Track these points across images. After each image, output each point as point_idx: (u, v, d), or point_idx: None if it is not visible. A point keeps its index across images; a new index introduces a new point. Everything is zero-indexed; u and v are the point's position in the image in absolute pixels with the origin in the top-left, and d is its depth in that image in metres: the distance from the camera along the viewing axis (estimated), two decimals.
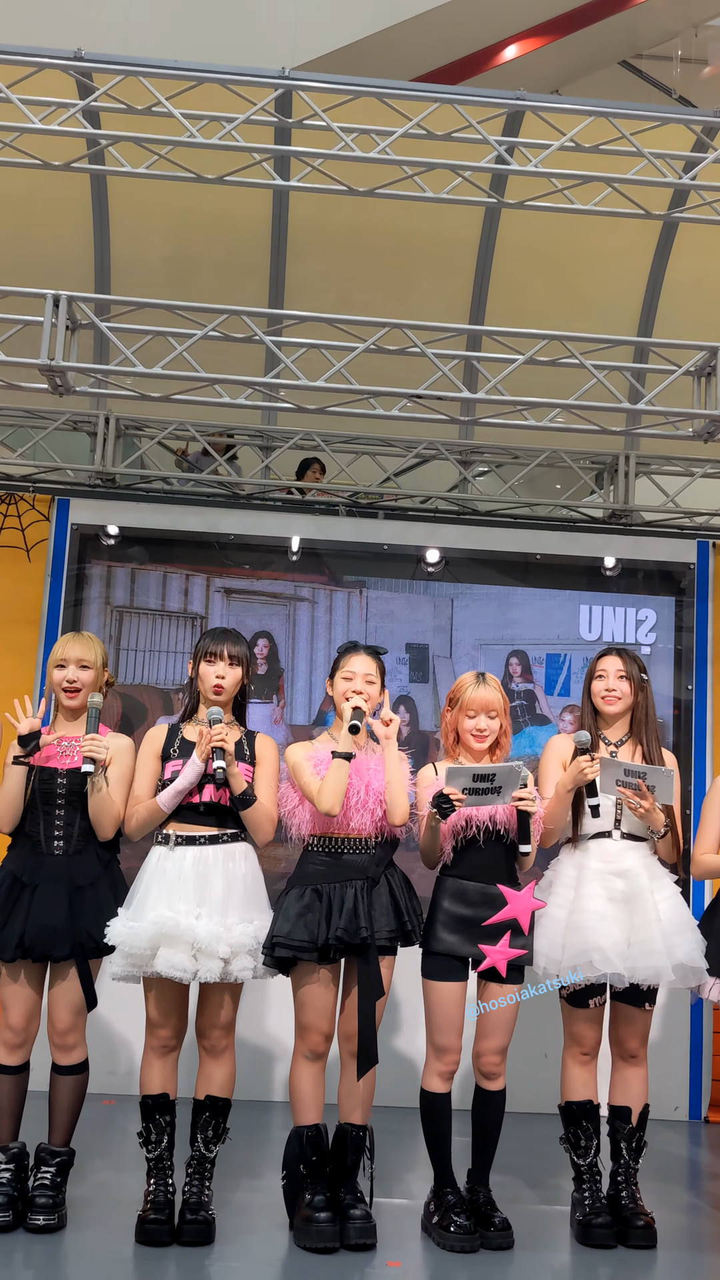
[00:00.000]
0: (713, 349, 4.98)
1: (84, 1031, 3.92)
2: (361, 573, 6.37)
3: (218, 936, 3.69)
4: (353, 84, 4.93)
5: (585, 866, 4.04)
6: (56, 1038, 3.88)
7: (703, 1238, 4.12)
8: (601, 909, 3.94)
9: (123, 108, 4.91)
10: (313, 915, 3.79)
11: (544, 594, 6.40)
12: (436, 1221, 3.89)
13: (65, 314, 4.80)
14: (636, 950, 3.90)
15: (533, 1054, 4.94)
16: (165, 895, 3.74)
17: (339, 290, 6.55)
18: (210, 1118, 3.84)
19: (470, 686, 4.05)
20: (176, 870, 3.79)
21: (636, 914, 3.96)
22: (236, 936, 3.73)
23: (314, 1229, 3.72)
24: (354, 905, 3.80)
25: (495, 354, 5.15)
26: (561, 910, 4.00)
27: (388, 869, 3.93)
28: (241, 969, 3.74)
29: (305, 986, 3.85)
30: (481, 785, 3.83)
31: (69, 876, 3.86)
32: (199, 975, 3.68)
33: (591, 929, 3.90)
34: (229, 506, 6.55)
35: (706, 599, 6.41)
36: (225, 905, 3.76)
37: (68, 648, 4.01)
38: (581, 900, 3.97)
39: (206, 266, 6.50)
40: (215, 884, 3.78)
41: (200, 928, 3.68)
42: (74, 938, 3.81)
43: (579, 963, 3.88)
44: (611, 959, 3.86)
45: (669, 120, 5.13)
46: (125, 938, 3.72)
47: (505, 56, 10.00)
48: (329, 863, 3.89)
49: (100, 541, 6.28)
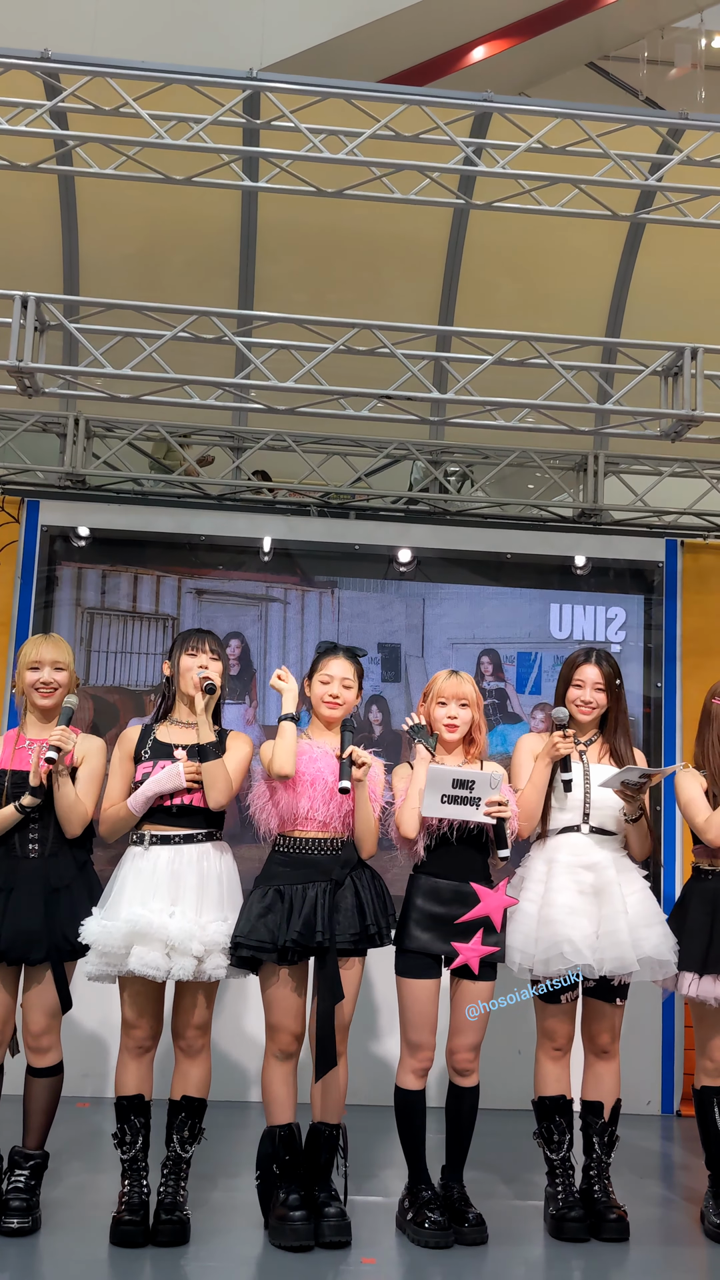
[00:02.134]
0: (679, 349, 5.03)
1: (59, 1034, 3.92)
2: (333, 573, 6.38)
3: (191, 934, 3.69)
4: (321, 85, 4.94)
5: (555, 861, 4.08)
6: (31, 1040, 3.87)
7: (675, 1230, 4.16)
8: (571, 902, 3.98)
9: (90, 108, 4.90)
10: (273, 916, 3.80)
11: (515, 593, 6.42)
12: (411, 1218, 3.91)
13: (34, 315, 4.79)
14: (604, 942, 3.94)
15: (506, 1050, 4.97)
16: (140, 894, 3.75)
17: (309, 291, 6.56)
18: (186, 1118, 3.84)
19: (444, 677, 4.12)
20: (151, 869, 3.79)
21: (604, 906, 3.99)
22: (211, 934, 3.74)
23: (289, 1227, 3.73)
24: (313, 908, 3.81)
25: (464, 354, 5.18)
26: (533, 905, 4.03)
27: (355, 870, 3.94)
28: (215, 967, 3.75)
29: (271, 987, 3.86)
30: (460, 792, 3.86)
31: (44, 879, 3.85)
32: (173, 973, 3.68)
33: (561, 921, 3.94)
34: (200, 507, 6.54)
35: (675, 597, 6.46)
36: (199, 903, 3.77)
37: (41, 650, 4.02)
38: (551, 894, 4.01)
39: (176, 267, 6.49)
40: (189, 882, 3.78)
41: (174, 925, 3.68)
42: (50, 940, 3.81)
43: (550, 955, 3.91)
44: (582, 950, 3.90)
45: (635, 122, 5.17)
46: (99, 936, 3.72)
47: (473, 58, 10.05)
48: (293, 863, 3.90)
49: (70, 543, 6.26)
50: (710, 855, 4.20)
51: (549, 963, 3.93)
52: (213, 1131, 4.07)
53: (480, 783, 3.88)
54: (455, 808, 3.88)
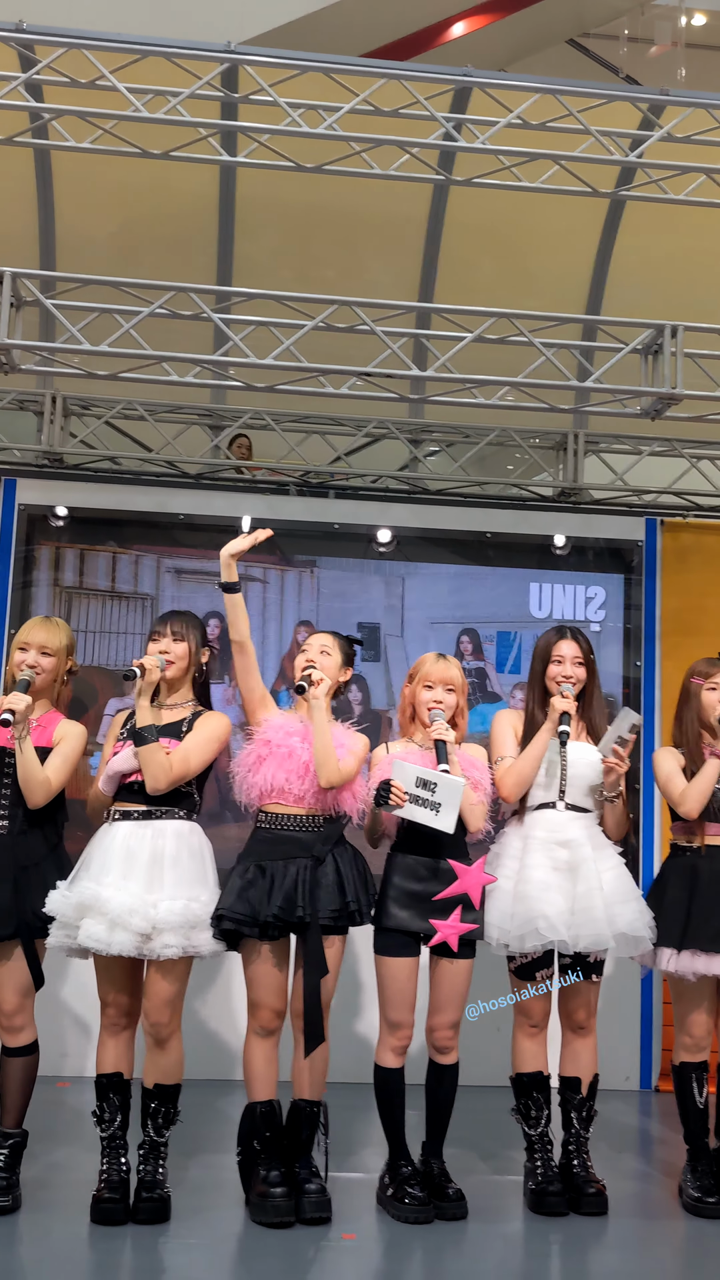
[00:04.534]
0: (659, 327, 5.02)
1: (32, 1013, 3.90)
2: (313, 552, 6.36)
3: (131, 909, 3.64)
4: (300, 59, 4.90)
5: (530, 837, 4.09)
6: (3, 1020, 3.85)
7: (653, 1204, 4.19)
8: (545, 878, 3.99)
9: (66, 81, 4.84)
10: (255, 891, 3.80)
11: (495, 572, 6.42)
12: (391, 1194, 3.92)
13: (9, 291, 4.74)
14: (580, 918, 3.95)
15: (485, 1028, 4.99)
16: (96, 867, 3.76)
17: (288, 267, 6.51)
18: (159, 1106, 3.81)
19: (431, 660, 4.11)
20: (109, 843, 3.80)
21: (580, 882, 4.00)
22: (161, 913, 3.67)
23: (269, 1204, 3.74)
24: (294, 883, 3.81)
25: (445, 332, 5.15)
26: (509, 881, 4.04)
27: (336, 846, 3.93)
28: (165, 946, 3.67)
29: (253, 964, 3.86)
30: (422, 794, 3.84)
31: (13, 856, 3.84)
32: (111, 947, 3.63)
33: (536, 897, 3.95)
34: (178, 486, 6.50)
35: (655, 576, 6.46)
36: (150, 880, 3.72)
37: (32, 632, 4.02)
38: (526, 870, 4.02)
39: (154, 243, 6.43)
40: (140, 858, 3.75)
41: (115, 899, 3.65)
42: (19, 917, 3.79)
43: (525, 931, 3.93)
44: (557, 926, 3.91)
45: (616, 98, 5.15)
46: (59, 905, 3.74)
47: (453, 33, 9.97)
48: (274, 839, 3.90)
49: (48, 522, 6.22)
50: (688, 832, 4.22)
51: (524, 939, 3.94)
52: (194, 1110, 4.07)
53: (443, 787, 3.82)
54: (414, 808, 3.86)
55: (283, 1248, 3.61)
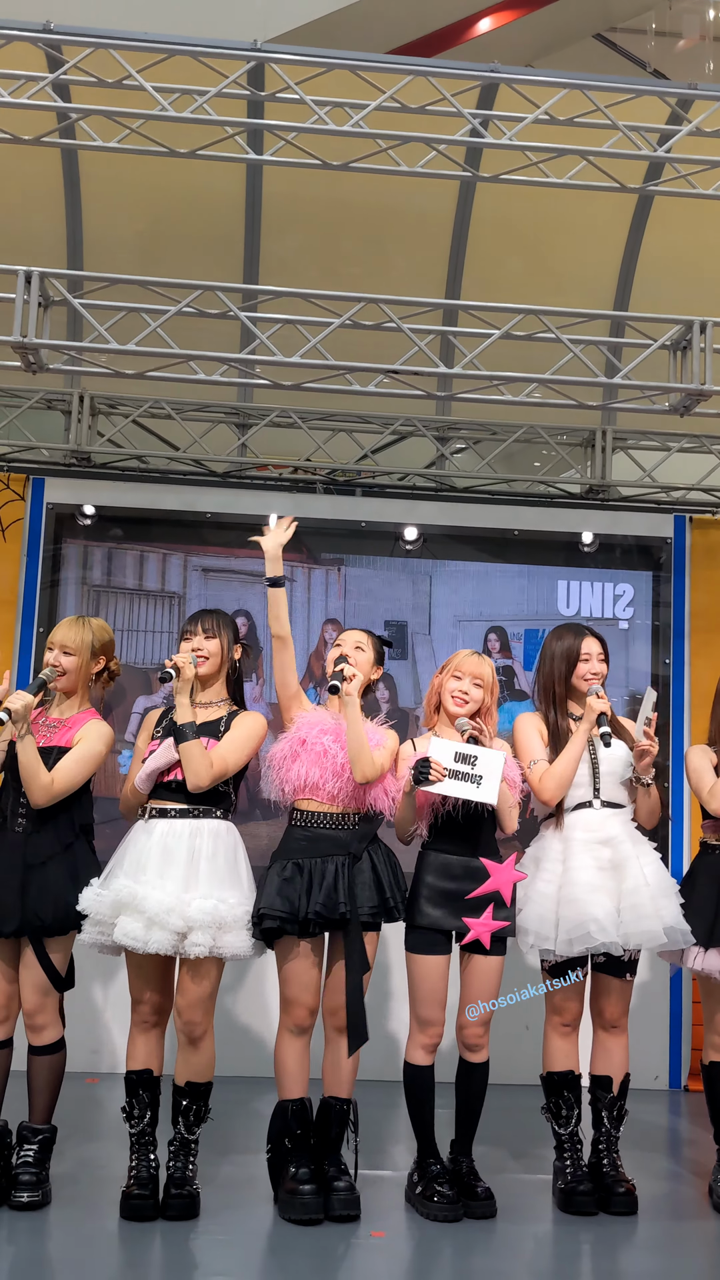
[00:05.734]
0: (688, 322, 4.98)
1: (55, 1012, 3.91)
2: (339, 550, 6.36)
3: (170, 908, 3.65)
4: (325, 56, 4.89)
5: (571, 839, 4.06)
6: (26, 1019, 3.88)
7: (683, 1204, 4.17)
8: (592, 879, 3.96)
9: (93, 81, 4.85)
10: (293, 888, 3.81)
11: (522, 570, 6.40)
12: (420, 1192, 3.92)
13: (37, 290, 4.75)
14: (628, 916, 3.92)
15: (515, 1026, 4.98)
16: (132, 865, 3.78)
17: (314, 265, 6.50)
18: (190, 1104, 3.82)
19: (465, 654, 4.12)
20: (145, 841, 3.82)
21: (625, 880, 3.98)
22: (194, 911, 3.68)
23: (298, 1201, 3.75)
24: (334, 881, 3.82)
25: (471, 329, 5.14)
26: (550, 885, 4.00)
27: (371, 845, 3.94)
28: (195, 945, 3.67)
29: (289, 961, 3.86)
30: (462, 768, 3.83)
31: (22, 855, 3.86)
32: (149, 945, 3.65)
33: (585, 900, 3.92)
34: (206, 485, 6.52)
35: (684, 573, 6.43)
36: (187, 879, 3.74)
37: (57, 631, 4.06)
38: (571, 873, 3.99)
39: (180, 242, 6.43)
40: (179, 856, 3.77)
41: (152, 897, 3.67)
42: (22, 915, 3.80)
43: (575, 935, 3.89)
44: (608, 928, 3.88)
45: (643, 93, 5.10)
46: (92, 903, 3.76)
47: (479, 29, 9.93)
48: (310, 837, 3.91)
49: (76, 521, 6.24)
50: (718, 830, 4.19)
51: (573, 943, 3.91)
52: (226, 1106, 4.08)
53: (484, 760, 3.83)
54: (455, 784, 3.84)
55: (312, 1245, 3.61)
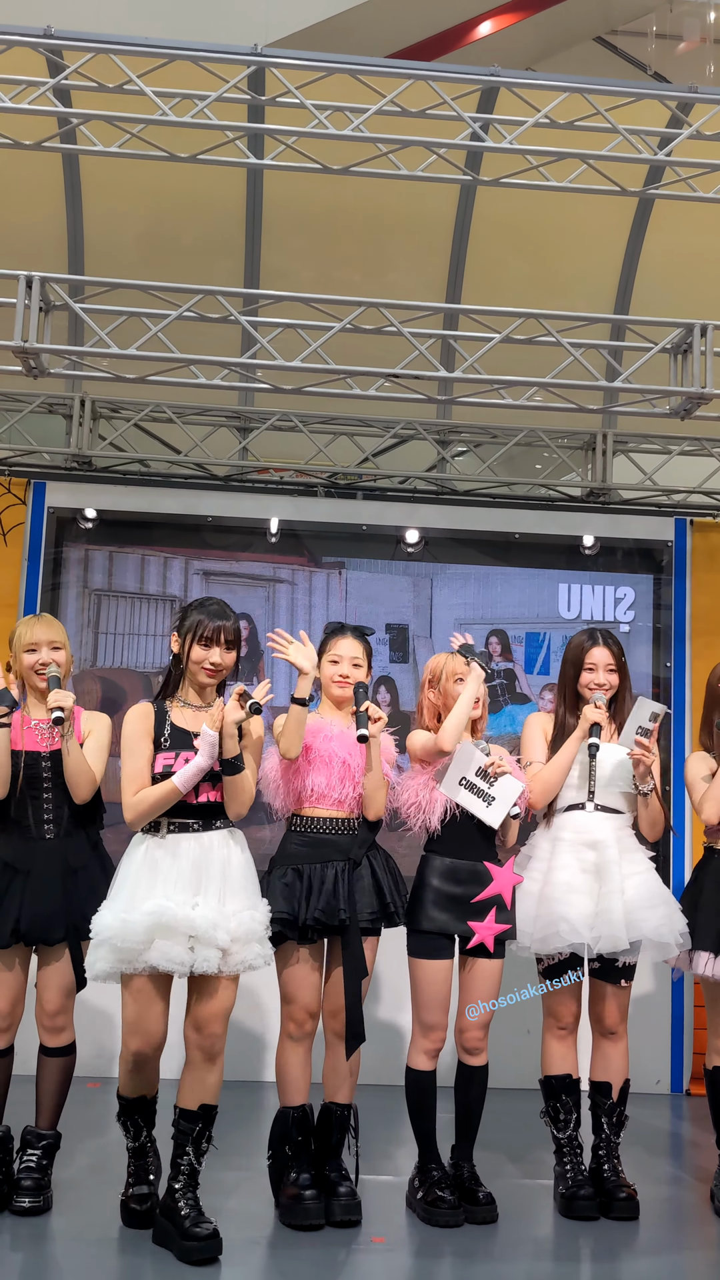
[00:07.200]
0: (689, 326, 4.98)
1: (72, 1014, 3.92)
2: (341, 553, 6.36)
3: (215, 924, 3.48)
4: (326, 61, 4.89)
5: (558, 839, 4.09)
6: (46, 1020, 3.87)
7: (684, 1209, 4.17)
8: (571, 880, 3.98)
9: (94, 86, 4.85)
10: (293, 893, 3.82)
11: (523, 573, 6.40)
12: (421, 1197, 3.92)
13: (38, 295, 4.76)
14: (600, 920, 3.93)
15: (515, 1030, 4.97)
16: (161, 885, 3.53)
17: (315, 269, 6.51)
18: (204, 1129, 3.61)
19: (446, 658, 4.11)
20: (170, 858, 3.58)
21: (603, 884, 3.99)
22: (236, 925, 3.54)
23: (300, 1207, 3.75)
24: (333, 886, 3.82)
25: (472, 333, 5.14)
26: (535, 884, 4.04)
27: (370, 850, 3.95)
28: (243, 960, 3.55)
29: (289, 967, 3.86)
30: (479, 783, 3.88)
31: (63, 860, 3.86)
32: (195, 966, 3.47)
33: (560, 900, 3.94)
34: (207, 488, 6.52)
35: (684, 576, 6.43)
36: (223, 893, 3.58)
37: (35, 631, 4.01)
38: (553, 872, 4.03)
39: (181, 246, 6.44)
40: (212, 872, 3.58)
41: (198, 916, 3.48)
42: (69, 920, 3.81)
43: (547, 933, 3.93)
44: (579, 929, 3.89)
45: (644, 96, 5.10)
46: (117, 931, 3.47)
47: (480, 33, 9.94)
48: (310, 843, 3.91)
49: (77, 524, 6.25)
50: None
51: (546, 940, 3.94)
52: (225, 1111, 4.04)
53: (501, 786, 3.90)
54: (469, 795, 3.88)
55: (313, 1251, 3.61)
